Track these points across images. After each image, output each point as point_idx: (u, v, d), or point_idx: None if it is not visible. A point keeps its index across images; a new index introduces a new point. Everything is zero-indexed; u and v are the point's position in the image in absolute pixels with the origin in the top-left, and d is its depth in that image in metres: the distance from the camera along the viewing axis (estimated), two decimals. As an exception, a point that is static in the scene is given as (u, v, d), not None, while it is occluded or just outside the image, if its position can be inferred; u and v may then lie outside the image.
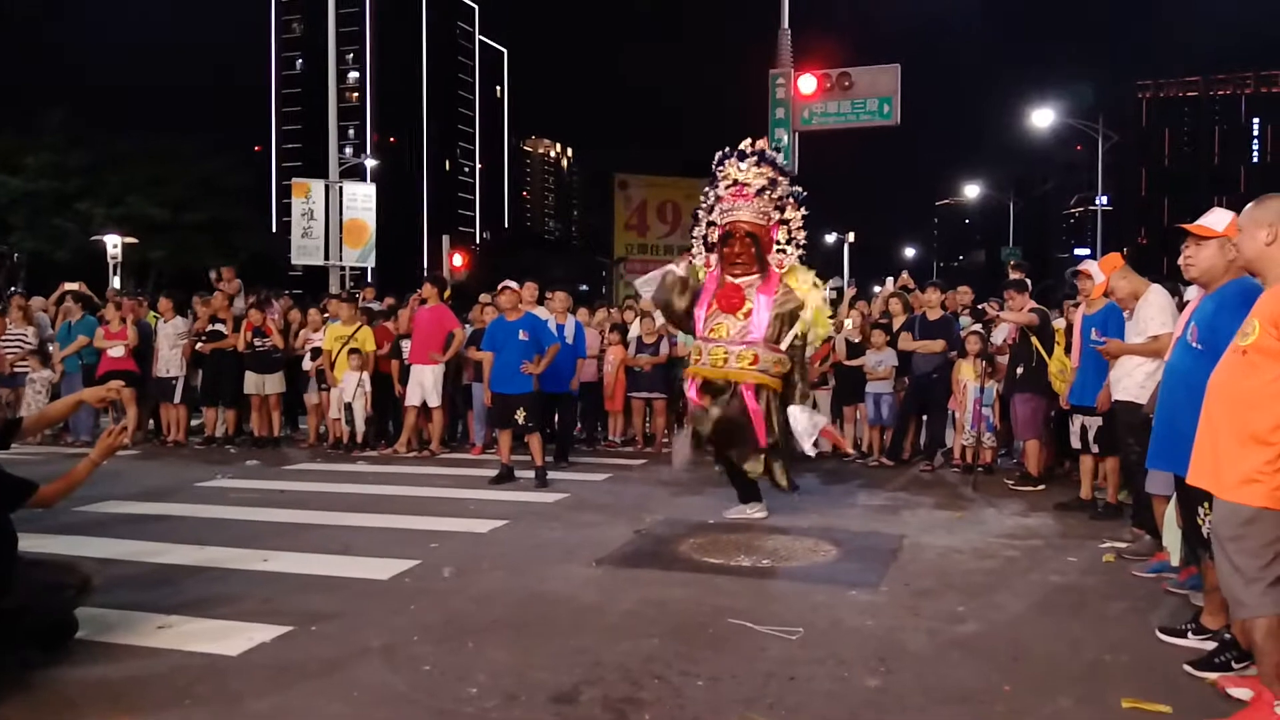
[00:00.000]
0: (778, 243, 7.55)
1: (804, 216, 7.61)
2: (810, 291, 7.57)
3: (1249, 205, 3.84)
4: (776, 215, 7.54)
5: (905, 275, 13.54)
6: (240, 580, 5.82)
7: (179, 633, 4.77)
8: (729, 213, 7.49)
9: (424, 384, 11.28)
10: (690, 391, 7.60)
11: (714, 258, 7.67)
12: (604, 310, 13.67)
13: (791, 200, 7.59)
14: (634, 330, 12.47)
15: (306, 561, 6.25)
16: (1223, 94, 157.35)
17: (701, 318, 7.55)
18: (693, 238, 7.96)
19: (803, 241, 7.62)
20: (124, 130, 50.70)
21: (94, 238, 36.41)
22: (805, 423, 7.33)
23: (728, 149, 7.61)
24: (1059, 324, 9.20)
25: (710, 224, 7.69)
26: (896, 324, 11.09)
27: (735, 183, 7.50)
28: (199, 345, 12.28)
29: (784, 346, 7.40)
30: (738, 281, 7.45)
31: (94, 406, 4.90)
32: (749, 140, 7.63)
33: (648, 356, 11.84)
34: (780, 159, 7.81)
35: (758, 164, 7.49)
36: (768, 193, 7.47)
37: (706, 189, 7.79)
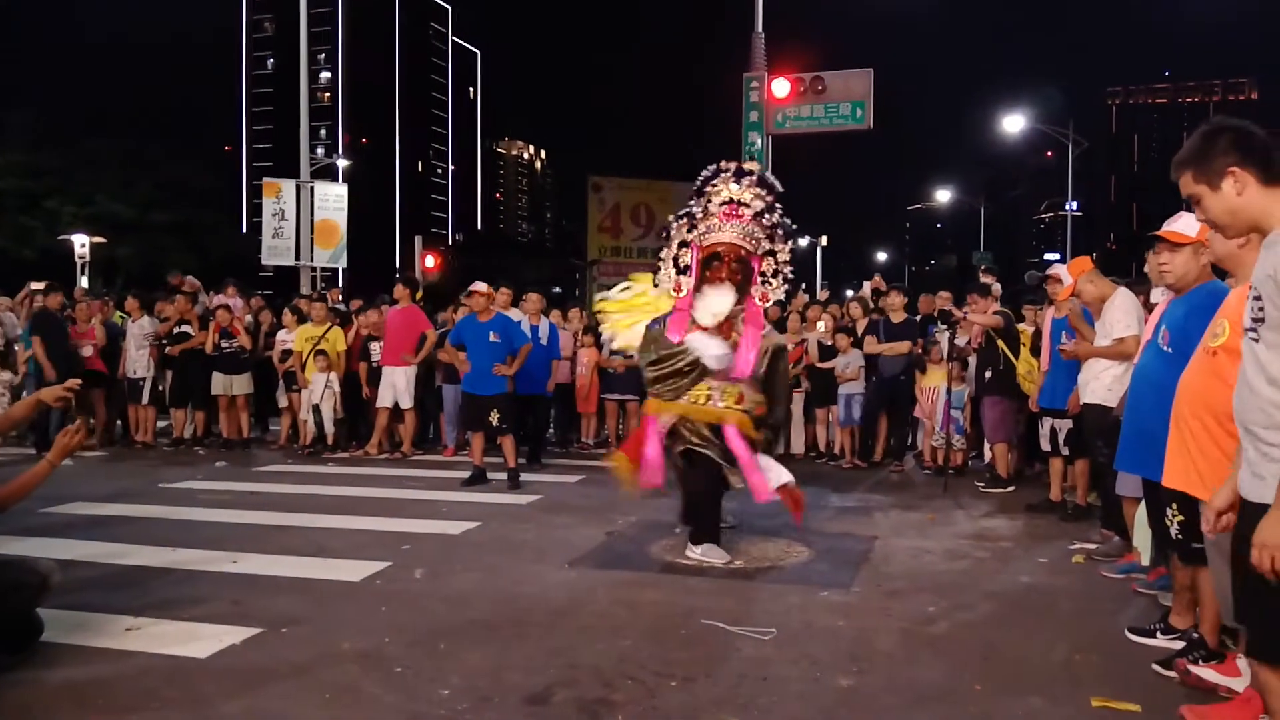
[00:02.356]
0: (762, 274, 6.72)
1: (790, 250, 6.84)
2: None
3: None
4: (766, 244, 6.68)
5: (877, 278, 13.69)
6: (209, 582, 5.77)
7: (147, 635, 4.73)
8: (716, 232, 6.59)
9: (396, 385, 11.22)
10: (650, 431, 6.54)
11: (685, 280, 6.70)
12: (576, 311, 13.66)
13: (781, 231, 6.72)
14: (608, 332, 12.44)
15: (277, 563, 6.20)
16: (1191, 101, 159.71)
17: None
18: (659, 259, 6.94)
19: (789, 276, 6.83)
20: (93, 129, 50.27)
21: (61, 237, 36.04)
22: (779, 477, 6.47)
23: (721, 164, 6.69)
24: (1024, 327, 9.28)
25: (683, 244, 6.74)
26: (859, 328, 11.19)
27: (730, 201, 6.58)
28: (167, 348, 12.17)
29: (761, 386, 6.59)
30: None
31: (53, 406, 4.82)
32: (752, 164, 6.84)
33: (621, 358, 11.82)
34: (777, 183, 6.80)
35: (758, 185, 6.62)
36: (764, 217, 6.61)
37: (691, 205, 6.74)
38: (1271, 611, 2.73)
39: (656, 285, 7.01)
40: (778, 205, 6.75)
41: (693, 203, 6.74)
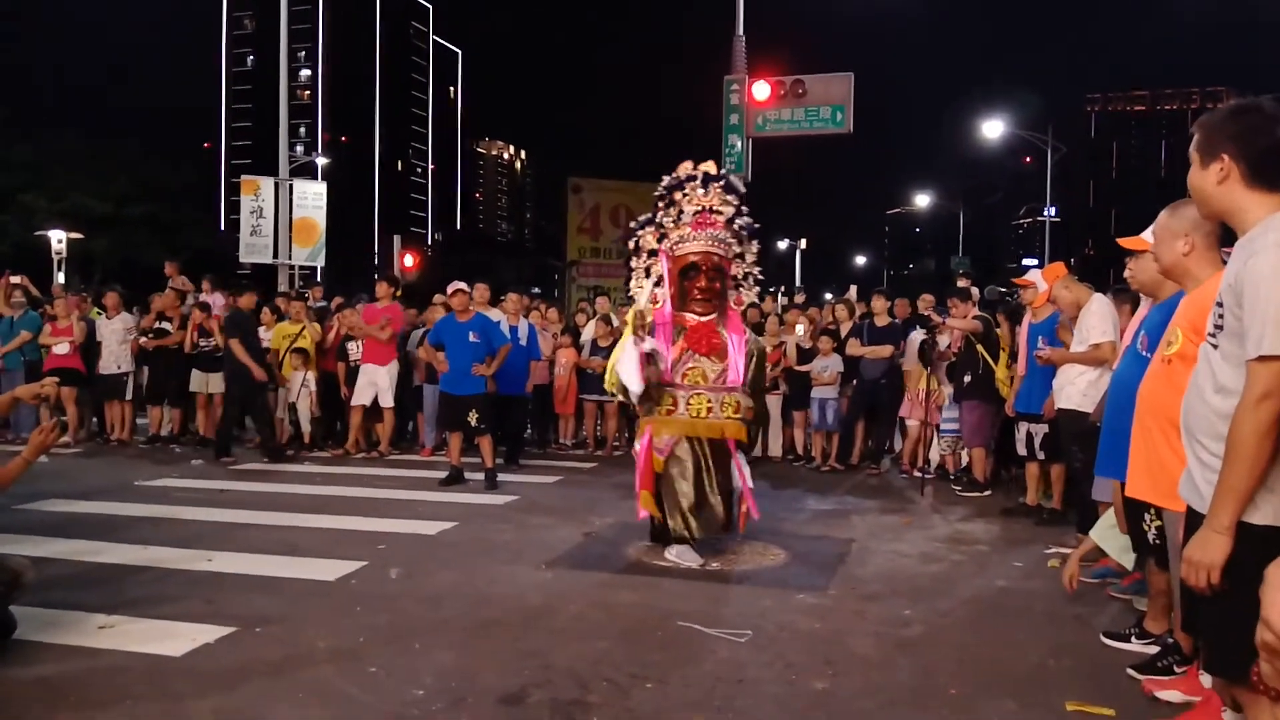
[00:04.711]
0: (734, 278, 6.85)
1: (757, 250, 6.93)
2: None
3: (1163, 213, 3.81)
4: (736, 248, 6.79)
5: (852, 290, 13.84)
6: (183, 581, 5.73)
7: (120, 633, 4.70)
8: (692, 241, 6.61)
9: (378, 384, 11.17)
10: (644, 448, 6.49)
11: (660, 291, 6.75)
12: (555, 311, 13.66)
13: (746, 232, 6.83)
14: (587, 333, 12.46)
15: (251, 562, 6.17)
16: (1169, 109, 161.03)
17: (667, 362, 6.49)
18: (630, 268, 6.99)
19: (759, 277, 6.95)
20: (70, 124, 49.96)
21: (37, 233, 35.72)
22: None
23: (684, 174, 6.73)
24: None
25: (654, 252, 6.80)
26: (843, 330, 11.22)
27: (703, 210, 6.62)
28: (143, 341, 12.10)
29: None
30: (705, 320, 6.57)
31: (29, 404, 4.79)
32: (708, 163, 6.79)
33: (600, 359, 11.81)
34: (740, 185, 6.86)
35: (725, 190, 6.67)
36: (734, 222, 6.70)
37: (659, 214, 6.79)
38: (1216, 625, 2.73)
39: (630, 296, 6.99)
40: (743, 208, 6.80)
41: (661, 212, 6.76)
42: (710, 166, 6.77)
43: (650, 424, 6.54)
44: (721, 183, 6.69)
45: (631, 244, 6.95)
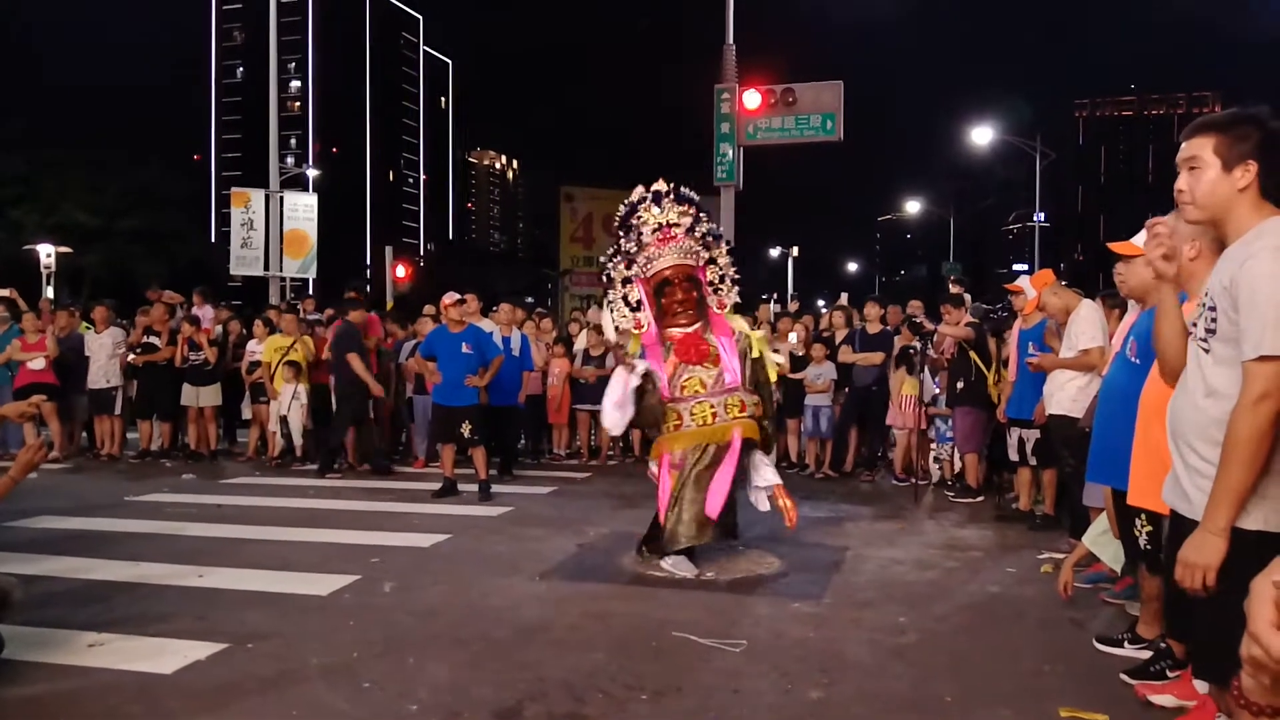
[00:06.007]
0: (711, 283, 6.85)
1: (729, 250, 6.95)
2: (756, 336, 6.91)
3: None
4: (705, 254, 6.82)
5: (844, 297, 13.89)
6: (175, 597, 5.70)
7: (111, 651, 4.67)
8: (659, 259, 6.72)
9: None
10: (663, 470, 6.50)
11: (643, 316, 6.78)
12: (549, 321, 13.64)
13: (712, 238, 6.85)
14: (580, 343, 12.45)
15: (243, 577, 6.14)
16: (1156, 113, 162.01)
17: (664, 379, 6.55)
18: (609, 303, 6.97)
19: (736, 277, 6.94)
20: (59, 136, 49.87)
21: (26, 247, 35.63)
22: (766, 477, 6.63)
23: (638, 197, 6.82)
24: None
25: (627, 280, 6.81)
26: (838, 337, 11.24)
27: (660, 227, 6.69)
28: (131, 358, 12.05)
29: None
30: (691, 330, 6.66)
31: (15, 422, 4.79)
32: (658, 182, 6.84)
33: (593, 368, 11.81)
34: (693, 194, 6.91)
35: (677, 203, 6.72)
36: (695, 230, 6.73)
37: (619, 244, 6.89)
38: (1204, 630, 2.72)
39: (617, 328, 6.99)
40: (702, 214, 6.85)
41: (623, 240, 6.86)
42: (660, 185, 6.83)
43: (664, 445, 6.54)
44: (672, 196, 6.75)
45: (604, 278, 7.01)
